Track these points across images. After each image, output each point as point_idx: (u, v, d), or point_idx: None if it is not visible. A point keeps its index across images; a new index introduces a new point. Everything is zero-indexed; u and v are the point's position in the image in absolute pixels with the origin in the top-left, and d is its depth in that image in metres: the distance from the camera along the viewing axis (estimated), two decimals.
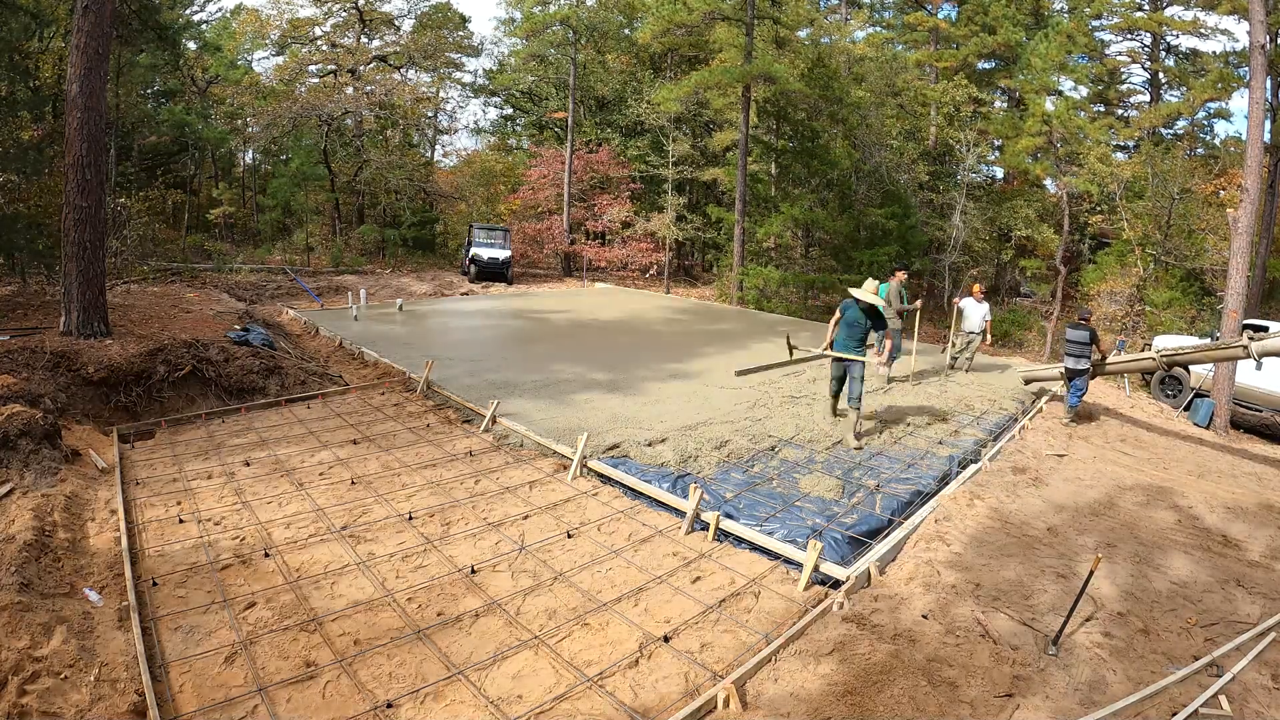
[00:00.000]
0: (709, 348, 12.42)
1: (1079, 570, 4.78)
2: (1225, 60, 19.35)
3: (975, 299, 10.86)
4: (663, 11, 20.85)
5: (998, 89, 26.86)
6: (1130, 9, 23.45)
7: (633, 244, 25.60)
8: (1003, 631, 4.08)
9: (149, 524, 5.16)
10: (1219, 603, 4.53)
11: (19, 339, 8.22)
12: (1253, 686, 3.67)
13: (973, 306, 10.85)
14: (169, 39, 18.71)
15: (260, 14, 28.13)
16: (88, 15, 8.45)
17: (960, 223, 21.88)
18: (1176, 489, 6.64)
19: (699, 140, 27.04)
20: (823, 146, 22.12)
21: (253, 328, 10.86)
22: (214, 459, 6.58)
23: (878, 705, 3.41)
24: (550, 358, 11.10)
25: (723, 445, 7.00)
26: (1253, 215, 9.73)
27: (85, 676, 3.34)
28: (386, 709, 3.33)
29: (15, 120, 14.51)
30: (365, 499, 5.72)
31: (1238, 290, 9.62)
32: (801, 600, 4.47)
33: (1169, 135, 23.78)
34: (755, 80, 20.16)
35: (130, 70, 22.52)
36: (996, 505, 5.83)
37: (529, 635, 3.98)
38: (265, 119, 25.14)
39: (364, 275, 21.81)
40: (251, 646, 3.76)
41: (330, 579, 4.49)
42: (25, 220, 13.15)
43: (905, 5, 29.59)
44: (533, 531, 5.30)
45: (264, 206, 28.76)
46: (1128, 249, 19.01)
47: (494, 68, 34.21)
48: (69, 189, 8.54)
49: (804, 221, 21.65)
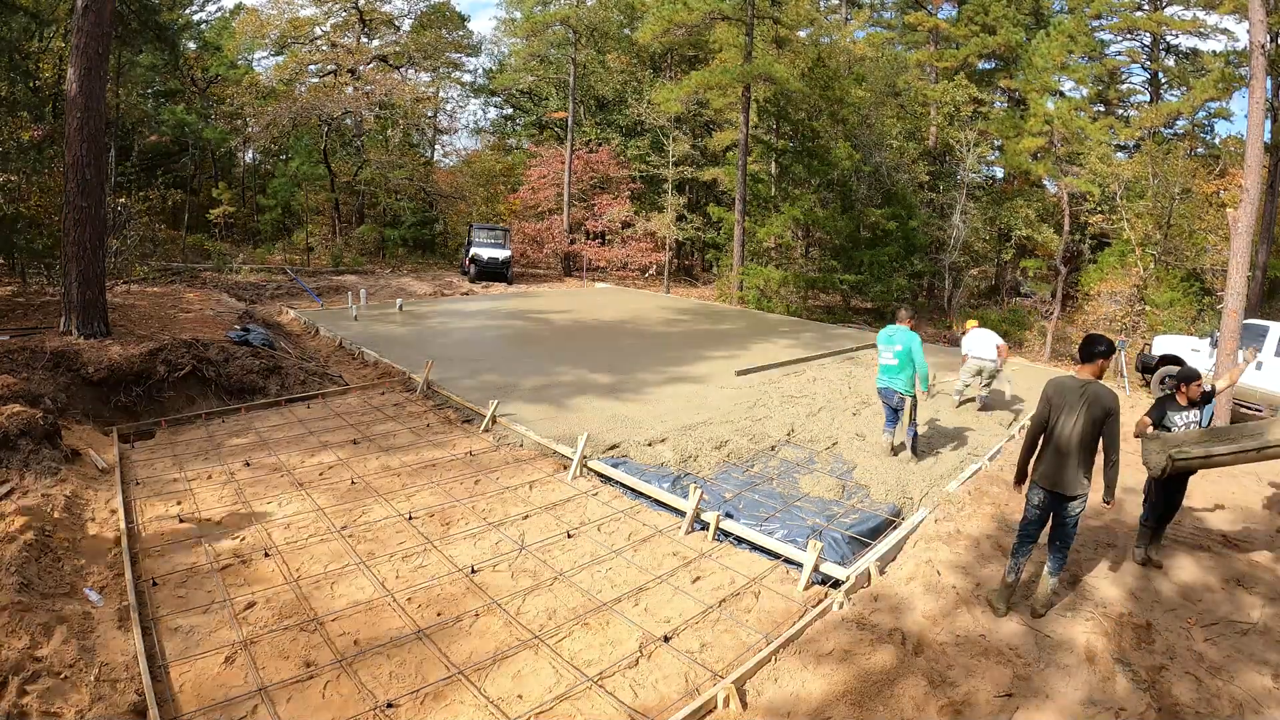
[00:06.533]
0: (709, 348, 12.42)
1: (1080, 569, 4.78)
2: (1225, 60, 19.32)
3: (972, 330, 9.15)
4: (663, 11, 20.84)
5: (998, 89, 26.85)
6: (1130, 9, 23.45)
7: (633, 244, 25.60)
8: (1003, 632, 4.08)
9: (149, 524, 5.16)
10: (1219, 602, 4.53)
11: (19, 339, 8.22)
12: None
13: (977, 336, 8.93)
14: (168, 39, 18.72)
15: (260, 14, 28.12)
16: (88, 15, 8.46)
17: (960, 223, 21.88)
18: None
19: (699, 140, 27.04)
20: (823, 146, 22.11)
21: (253, 328, 10.86)
22: (214, 459, 6.58)
23: (878, 705, 3.41)
24: (550, 358, 11.10)
25: (722, 445, 7.00)
26: (1253, 215, 9.71)
27: (85, 676, 3.34)
28: (386, 709, 3.33)
29: (15, 120, 14.51)
30: (365, 499, 5.72)
31: (1238, 290, 9.60)
32: (801, 600, 4.47)
33: (1169, 135, 23.77)
34: (755, 80, 20.16)
35: (130, 70, 22.53)
36: (997, 505, 5.82)
37: (529, 635, 3.98)
38: (265, 119, 25.14)
39: (364, 275, 21.80)
40: (251, 646, 3.76)
41: (330, 579, 4.49)
42: (25, 220, 13.16)
43: (906, 5, 29.60)
44: (533, 531, 5.30)
45: (264, 206, 28.75)
46: (1128, 249, 19.00)
47: (494, 67, 34.24)
48: (69, 189, 8.55)
49: (804, 221, 21.65)
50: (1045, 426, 4.14)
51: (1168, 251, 18.40)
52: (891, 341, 6.68)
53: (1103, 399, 4.00)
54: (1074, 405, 4.03)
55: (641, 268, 25.56)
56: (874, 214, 21.26)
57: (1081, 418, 4.00)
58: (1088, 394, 4.02)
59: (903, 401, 6.68)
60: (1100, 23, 23.98)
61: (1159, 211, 18.67)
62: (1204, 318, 16.52)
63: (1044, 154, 22.89)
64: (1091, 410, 3.99)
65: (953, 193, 23.18)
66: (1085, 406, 4.01)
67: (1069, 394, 4.07)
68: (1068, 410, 4.05)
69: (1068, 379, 4.15)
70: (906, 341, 6.59)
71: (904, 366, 6.59)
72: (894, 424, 6.94)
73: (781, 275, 21.21)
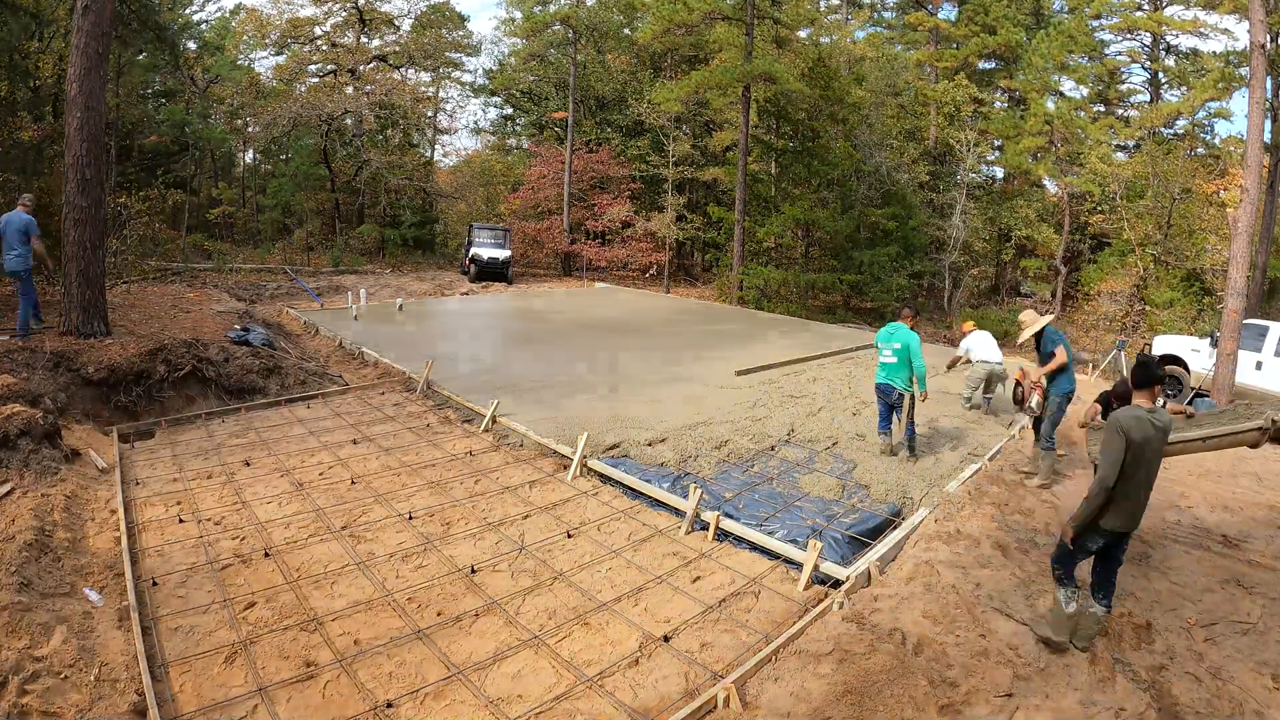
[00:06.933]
0: (709, 348, 12.41)
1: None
2: (1225, 60, 19.33)
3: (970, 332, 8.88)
4: (663, 11, 20.86)
5: (998, 89, 26.88)
6: (1130, 9, 23.46)
7: (633, 244, 25.60)
8: (1003, 632, 4.08)
9: (149, 524, 5.15)
10: (1219, 602, 4.53)
11: (19, 339, 8.21)
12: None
13: (980, 339, 8.68)
14: (168, 39, 18.73)
15: (260, 14, 28.13)
16: (88, 15, 8.44)
17: (960, 222, 21.88)
18: (1177, 489, 6.63)
19: (699, 140, 27.04)
20: (823, 146, 22.13)
21: (253, 328, 10.85)
22: (214, 459, 6.58)
23: (878, 705, 3.41)
24: (550, 358, 11.10)
25: (722, 445, 7.00)
26: (1253, 215, 9.73)
27: (85, 676, 3.34)
28: (386, 709, 3.33)
29: (15, 120, 14.52)
30: (365, 499, 5.72)
31: (1238, 290, 9.62)
32: (801, 600, 4.47)
33: (1169, 135, 23.79)
34: (755, 80, 20.17)
35: (130, 70, 22.52)
36: (997, 505, 5.82)
37: (529, 635, 3.98)
38: (265, 119, 25.13)
39: (364, 275, 21.80)
40: (251, 646, 3.76)
41: (330, 579, 4.49)
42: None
43: (906, 5, 29.62)
44: (532, 531, 5.30)
45: (264, 206, 28.75)
46: (1128, 249, 19.02)
47: (494, 67, 34.25)
48: (69, 189, 8.53)
49: (804, 221, 21.66)
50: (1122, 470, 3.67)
51: (1168, 251, 18.42)
52: (891, 339, 6.73)
53: (1169, 427, 3.80)
54: (1155, 443, 3.74)
55: (641, 268, 25.56)
56: (874, 214, 21.28)
57: (1159, 453, 3.79)
58: (1162, 425, 3.74)
59: (901, 398, 6.71)
60: (1100, 22, 24.01)
61: (1159, 211, 18.69)
62: (1204, 318, 16.53)
63: (1044, 154, 22.92)
64: (1161, 441, 3.77)
65: (953, 193, 23.19)
66: (1161, 439, 3.77)
67: (1149, 430, 3.70)
68: (1150, 450, 3.73)
69: (1140, 414, 3.73)
70: (906, 340, 6.62)
71: (904, 364, 6.64)
72: (888, 424, 6.95)
73: (781, 275, 21.23)
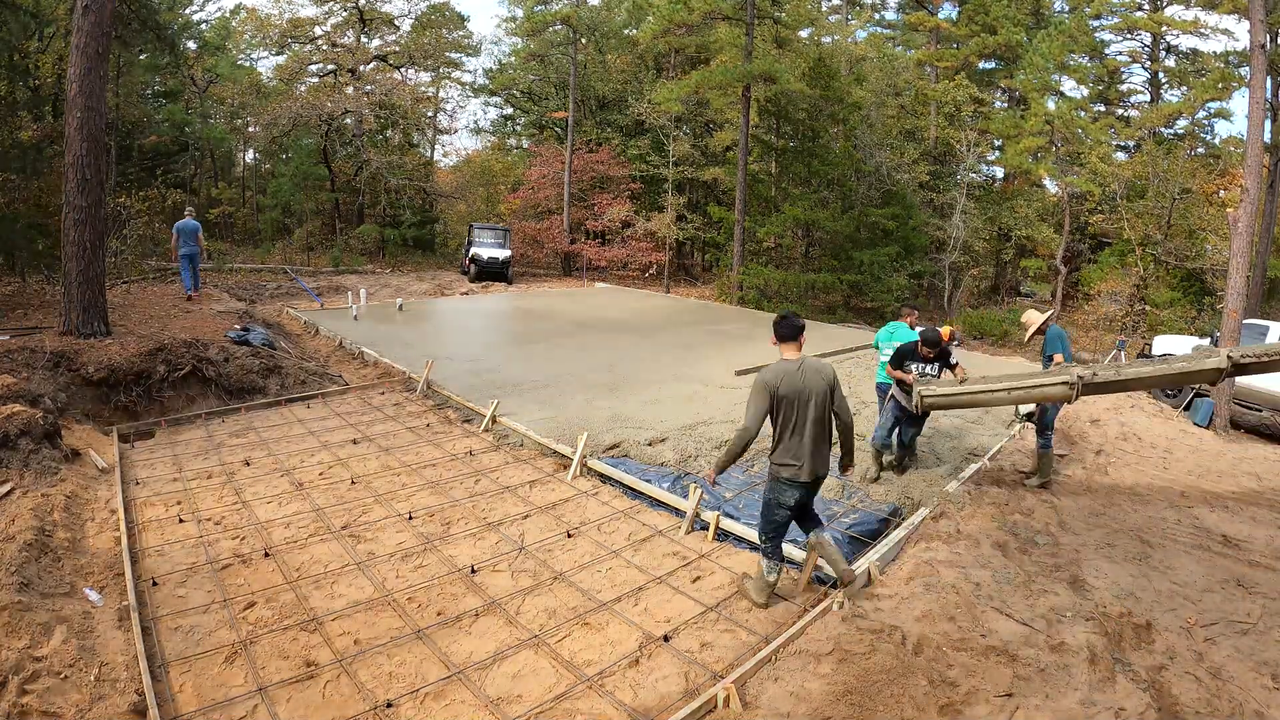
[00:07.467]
0: (709, 348, 12.42)
1: (1079, 569, 4.78)
2: (1225, 60, 19.34)
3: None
4: (663, 11, 20.86)
5: (998, 89, 26.87)
6: (1130, 9, 23.47)
7: (633, 244, 25.59)
8: (1003, 631, 4.08)
9: (149, 524, 5.16)
10: (1219, 603, 4.53)
11: (19, 339, 8.21)
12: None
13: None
14: (168, 39, 18.70)
15: (260, 14, 28.14)
16: (88, 15, 8.44)
17: (961, 222, 21.87)
18: (1176, 489, 6.64)
19: (699, 140, 27.03)
20: (823, 146, 22.12)
21: (253, 327, 10.85)
22: (214, 459, 6.58)
23: (878, 705, 3.41)
24: (550, 357, 11.10)
25: (723, 445, 6.99)
26: (1253, 215, 9.72)
27: (85, 676, 3.34)
28: (386, 709, 3.33)
29: (15, 120, 14.52)
30: (365, 499, 5.72)
31: (1238, 290, 9.61)
32: (801, 600, 4.47)
33: (1169, 135, 23.79)
34: (756, 80, 20.16)
35: (130, 70, 22.53)
36: (997, 505, 5.82)
37: (529, 635, 3.98)
38: (265, 119, 25.14)
39: (364, 275, 21.80)
40: (251, 646, 3.76)
41: (330, 579, 4.49)
42: (25, 220, 13.16)
43: (907, 5, 29.62)
44: (532, 531, 5.30)
45: (264, 206, 28.73)
46: (1128, 249, 19.02)
47: (494, 67, 34.25)
48: (69, 189, 8.52)
49: (804, 221, 21.65)
50: (781, 422, 4.18)
51: (1168, 251, 18.42)
52: (893, 338, 6.81)
53: (830, 379, 4.30)
54: (808, 394, 4.12)
55: (642, 267, 25.54)
56: (874, 214, 21.26)
57: (823, 404, 4.27)
58: (823, 377, 4.18)
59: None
60: (1100, 22, 24.01)
61: (1159, 211, 18.69)
62: (1204, 318, 16.53)
63: (1044, 154, 22.90)
64: (823, 391, 4.24)
65: (953, 193, 23.18)
66: (821, 388, 4.19)
67: (797, 382, 4.10)
68: (803, 399, 4.14)
69: (790, 368, 4.13)
70: (906, 339, 6.67)
71: None
72: (883, 429, 6.75)
73: (782, 275, 21.22)
